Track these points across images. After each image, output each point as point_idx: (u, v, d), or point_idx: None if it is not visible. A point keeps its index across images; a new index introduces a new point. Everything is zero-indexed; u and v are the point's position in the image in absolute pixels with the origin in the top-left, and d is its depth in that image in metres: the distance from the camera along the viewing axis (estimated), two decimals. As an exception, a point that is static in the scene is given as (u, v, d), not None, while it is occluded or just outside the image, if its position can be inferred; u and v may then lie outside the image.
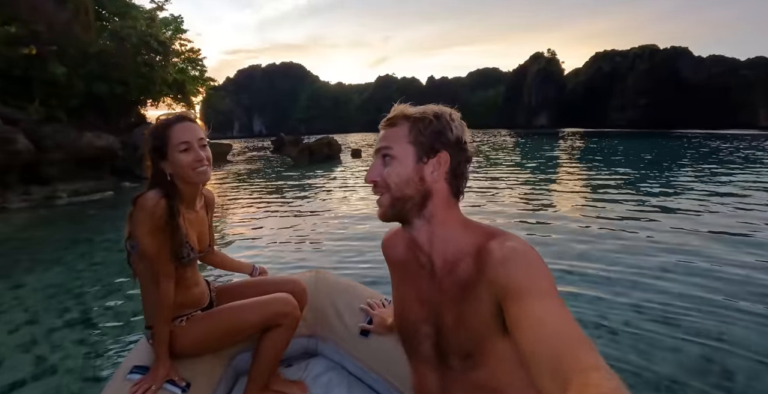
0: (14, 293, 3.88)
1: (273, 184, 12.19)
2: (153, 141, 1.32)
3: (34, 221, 7.91)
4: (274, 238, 5.71)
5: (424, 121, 0.87)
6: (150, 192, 1.28)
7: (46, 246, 5.54)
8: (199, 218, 1.46)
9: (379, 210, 0.91)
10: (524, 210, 6.83)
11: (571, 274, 3.74)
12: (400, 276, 1.01)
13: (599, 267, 3.89)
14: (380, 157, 0.90)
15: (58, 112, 13.18)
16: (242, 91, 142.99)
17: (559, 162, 16.41)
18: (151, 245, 1.26)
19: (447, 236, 0.88)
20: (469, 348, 0.83)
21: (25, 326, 3.14)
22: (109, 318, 3.21)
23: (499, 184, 9.78)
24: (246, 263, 1.81)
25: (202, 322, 1.40)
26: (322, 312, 1.69)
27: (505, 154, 20.81)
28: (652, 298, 3.22)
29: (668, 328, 2.78)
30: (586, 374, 0.54)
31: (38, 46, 12.50)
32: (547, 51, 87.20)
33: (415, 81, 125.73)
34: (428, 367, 0.94)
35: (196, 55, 21.68)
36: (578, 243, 4.68)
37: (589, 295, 3.31)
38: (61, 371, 2.52)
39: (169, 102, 20.48)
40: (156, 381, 1.23)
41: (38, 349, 2.79)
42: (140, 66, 15.77)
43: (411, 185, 0.86)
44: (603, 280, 3.60)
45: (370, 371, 1.47)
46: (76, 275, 4.22)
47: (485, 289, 0.78)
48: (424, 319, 0.92)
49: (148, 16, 17.69)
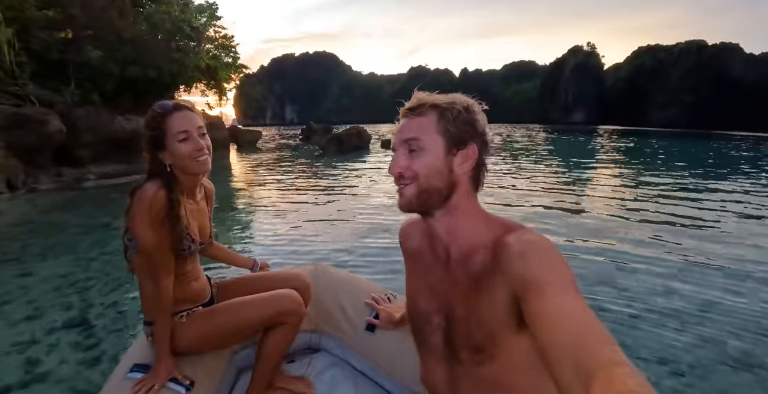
0: (22, 281, 3.77)
1: (296, 173, 12.03)
2: (150, 131, 1.25)
3: (57, 203, 7.96)
4: (286, 229, 5.56)
5: (453, 111, 0.84)
6: (148, 184, 1.22)
7: (63, 230, 5.49)
8: (200, 208, 1.42)
9: (401, 200, 0.89)
10: (554, 210, 6.39)
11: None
12: (415, 266, 1.01)
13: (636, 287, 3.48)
14: (405, 148, 0.87)
15: (93, 96, 13.40)
16: (275, 79, 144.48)
17: (594, 161, 15.52)
18: (150, 238, 1.21)
19: (467, 227, 0.88)
20: (479, 341, 0.83)
21: (24, 323, 3.00)
22: (110, 316, 3.03)
23: (528, 183, 9.27)
24: (246, 257, 1.75)
25: (204, 319, 1.35)
26: (324, 306, 1.64)
27: (537, 150, 19.91)
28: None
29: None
30: (609, 369, 0.52)
31: (74, 31, 12.70)
32: (587, 44, 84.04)
33: (448, 73, 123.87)
34: (437, 359, 0.94)
35: (229, 41, 21.72)
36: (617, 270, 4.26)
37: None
38: (54, 377, 2.34)
39: (202, 88, 20.75)
40: (159, 380, 1.19)
41: (34, 349, 2.63)
42: (173, 51, 15.85)
43: (439, 177, 0.85)
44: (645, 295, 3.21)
45: (377, 367, 1.44)
46: (85, 266, 4.09)
47: (501, 282, 0.77)
48: (435, 309, 0.92)
49: (182, 2, 17.74)
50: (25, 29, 10.92)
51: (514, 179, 9.97)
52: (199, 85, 20.34)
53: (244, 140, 23.39)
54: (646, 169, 12.53)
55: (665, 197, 7.79)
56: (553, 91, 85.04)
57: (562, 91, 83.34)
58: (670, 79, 69.13)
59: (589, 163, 14.59)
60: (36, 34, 11.52)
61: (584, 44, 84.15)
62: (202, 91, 21.11)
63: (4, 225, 6.24)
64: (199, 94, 21.16)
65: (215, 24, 20.82)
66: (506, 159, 15.25)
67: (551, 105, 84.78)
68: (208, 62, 19.09)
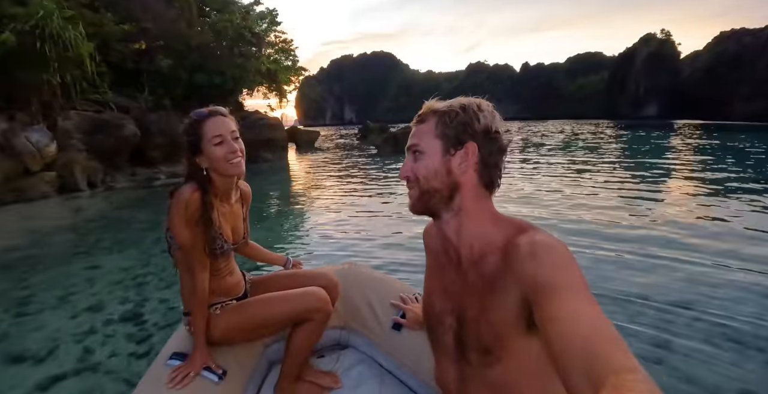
0: (89, 273, 4.09)
1: (350, 172, 12.15)
2: (188, 137, 1.35)
3: (130, 201, 8.60)
4: (332, 227, 5.64)
5: (450, 114, 0.86)
6: (185, 186, 1.32)
7: (131, 226, 5.92)
8: (234, 211, 1.49)
9: (408, 203, 0.94)
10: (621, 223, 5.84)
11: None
12: (433, 265, 1.02)
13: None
14: (410, 154, 0.92)
15: (164, 101, 14.43)
16: (334, 80, 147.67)
17: (676, 162, 13.32)
18: (185, 236, 1.31)
19: (475, 228, 0.88)
20: (488, 343, 0.83)
21: (86, 313, 3.22)
22: (161, 311, 3.19)
23: (593, 186, 8.59)
24: (279, 255, 1.83)
25: (236, 311, 1.44)
26: (354, 304, 1.69)
27: (607, 148, 18.43)
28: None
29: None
30: (620, 375, 0.51)
31: (147, 42, 13.70)
32: (660, 31, 77.36)
33: (508, 68, 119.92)
34: (449, 359, 0.95)
35: (288, 45, 22.44)
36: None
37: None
38: (104, 368, 2.49)
39: (263, 91, 21.61)
40: (194, 368, 1.27)
41: (91, 339, 2.82)
42: (236, 57, 16.63)
43: (438, 178, 0.87)
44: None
45: (402, 366, 1.46)
46: (146, 260, 4.37)
47: (512, 284, 0.77)
48: (448, 310, 0.93)
49: (244, 10, 18.55)
50: (104, 43, 11.92)
51: (573, 184, 8.69)
52: (261, 89, 21.19)
53: (302, 140, 24.09)
54: (745, 173, 9.82)
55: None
56: (623, 83, 79.37)
57: (633, 84, 77.62)
58: (757, 67, 62.33)
59: (670, 165, 12.00)
60: (114, 46, 12.56)
61: (658, 31, 78.11)
62: (264, 94, 21.96)
63: (82, 220, 6.84)
64: (261, 96, 22.08)
65: (275, 29, 21.61)
66: (572, 158, 14.43)
67: (620, 98, 79.33)
68: (268, 66, 19.82)
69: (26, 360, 2.59)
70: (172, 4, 15.08)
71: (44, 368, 2.50)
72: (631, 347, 0.57)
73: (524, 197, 7.12)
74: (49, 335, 2.90)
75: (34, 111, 10.12)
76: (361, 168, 13.56)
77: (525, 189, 7.87)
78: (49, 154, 9.48)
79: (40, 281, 3.94)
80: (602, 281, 3.43)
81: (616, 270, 3.70)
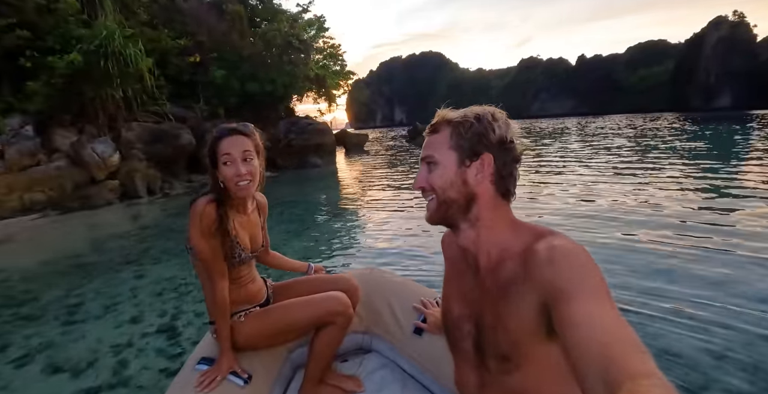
0: (135, 283, 4.24)
1: (396, 176, 12.04)
2: (208, 151, 1.38)
3: (181, 208, 8.97)
4: (371, 231, 5.65)
5: (465, 125, 0.86)
6: (202, 198, 1.36)
7: (180, 234, 6.12)
8: (251, 220, 1.52)
9: (426, 214, 0.93)
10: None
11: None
12: (451, 272, 1.03)
13: None
14: (425, 165, 0.91)
15: (219, 110, 15.12)
16: (384, 82, 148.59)
17: (749, 157, 11.44)
18: (203, 246, 1.34)
19: (493, 238, 0.87)
20: (506, 350, 0.82)
21: (127, 325, 3.31)
22: (196, 325, 3.21)
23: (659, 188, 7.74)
24: (301, 262, 1.86)
25: (259, 318, 1.48)
26: (376, 309, 1.71)
27: (675, 147, 16.29)
28: None
29: None
30: (636, 380, 0.51)
31: (202, 55, 14.38)
32: (733, 13, 70.96)
33: (563, 62, 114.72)
34: (469, 365, 0.94)
35: (336, 50, 22.75)
36: None
37: None
38: (135, 382, 2.52)
39: (313, 96, 22.04)
40: (221, 372, 1.32)
41: (127, 352, 2.87)
42: (285, 64, 17.05)
43: (454, 189, 0.87)
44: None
45: (425, 371, 1.47)
46: (189, 270, 4.46)
47: (530, 290, 0.76)
48: (467, 317, 0.93)
49: (292, 18, 18.99)
50: (162, 57, 12.65)
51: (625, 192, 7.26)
52: (310, 94, 21.61)
53: (351, 143, 24.33)
54: None
55: None
56: (691, 72, 73.46)
57: (702, 72, 71.53)
58: None
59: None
60: (171, 60, 13.30)
61: (729, 14, 71.69)
62: (314, 99, 22.41)
63: (137, 228, 7.21)
64: (311, 101, 22.53)
65: (323, 35, 21.98)
66: (629, 160, 13.42)
67: (688, 89, 73.48)
68: (317, 72, 20.18)
69: (65, 371, 2.68)
70: (224, 16, 15.73)
71: (80, 380, 2.57)
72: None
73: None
74: (90, 345, 3.00)
75: (101, 123, 10.89)
76: (407, 172, 13.41)
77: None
78: (112, 164, 10.15)
79: (90, 289, 4.14)
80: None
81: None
